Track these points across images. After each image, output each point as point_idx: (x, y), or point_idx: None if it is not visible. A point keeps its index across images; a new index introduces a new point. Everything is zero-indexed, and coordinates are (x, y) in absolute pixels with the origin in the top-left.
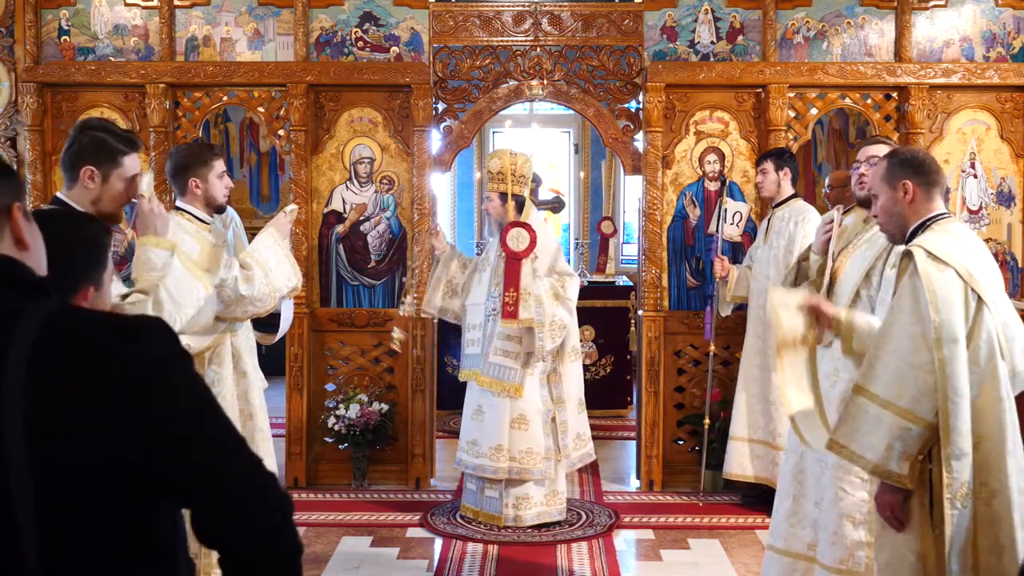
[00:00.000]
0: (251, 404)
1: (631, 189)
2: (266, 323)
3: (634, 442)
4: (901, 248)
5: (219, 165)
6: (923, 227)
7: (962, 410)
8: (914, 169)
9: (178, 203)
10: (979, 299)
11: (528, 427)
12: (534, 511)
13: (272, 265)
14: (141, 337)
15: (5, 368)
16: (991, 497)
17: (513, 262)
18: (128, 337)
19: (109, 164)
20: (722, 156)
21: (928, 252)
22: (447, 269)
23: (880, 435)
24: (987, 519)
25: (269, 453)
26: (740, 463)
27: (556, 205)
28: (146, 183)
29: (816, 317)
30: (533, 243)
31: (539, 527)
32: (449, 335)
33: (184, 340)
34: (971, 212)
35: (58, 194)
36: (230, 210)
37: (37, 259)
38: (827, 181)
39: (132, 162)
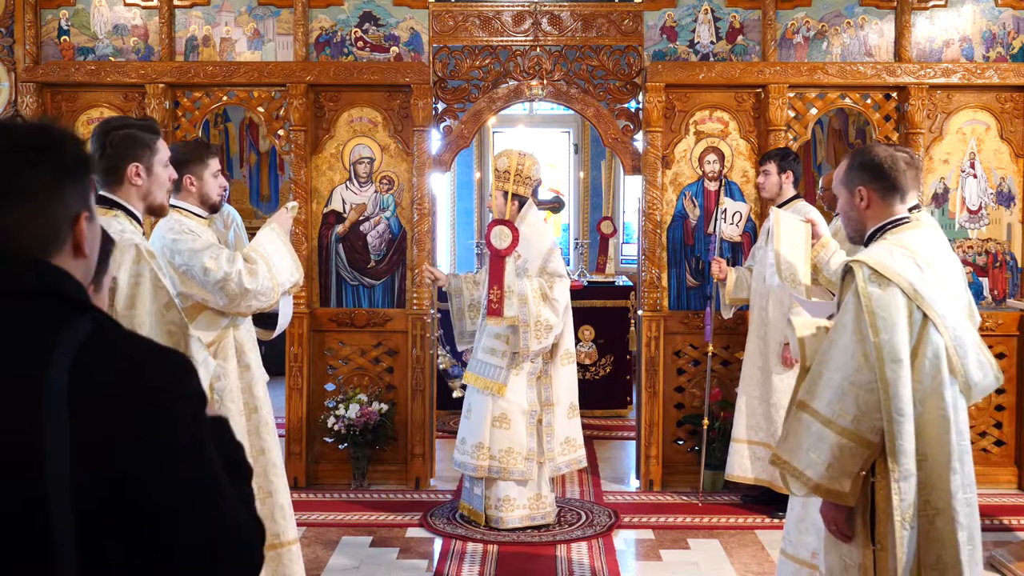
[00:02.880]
0: (255, 397)
1: (631, 189)
2: (265, 319)
3: (634, 442)
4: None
5: (215, 164)
6: (880, 232)
7: (906, 430)
8: (872, 174)
9: (172, 200)
10: (924, 316)
11: (510, 426)
12: (517, 514)
13: (275, 260)
14: (175, 369)
15: (45, 386)
16: (935, 515)
17: (497, 260)
18: (163, 367)
19: (150, 155)
20: (722, 156)
21: (871, 268)
22: (460, 297)
23: (821, 453)
24: (930, 537)
25: (275, 446)
26: (741, 464)
27: (556, 205)
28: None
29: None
30: (515, 241)
31: (525, 529)
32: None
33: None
34: (971, 212)
35: (106, 195)
36: (232, 210)
37: (90, 266)
38: (820, 183)
39: (164, 146)
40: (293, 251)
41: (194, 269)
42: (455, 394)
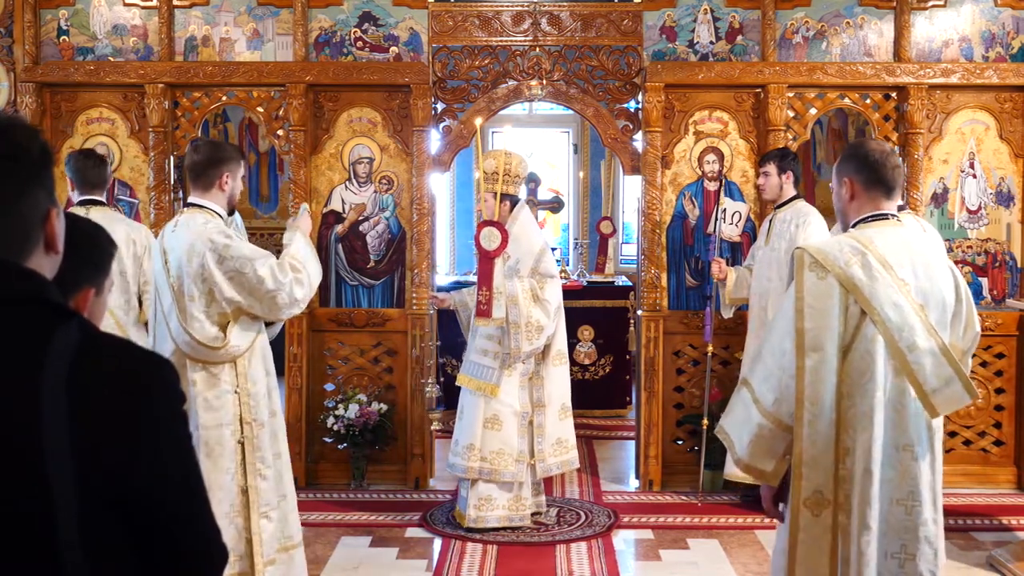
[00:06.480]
0: (274, 401)
1: (630, 189)
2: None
3: (633, 442)
4: None
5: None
6: (856, 225)
7: (817, 419)
8: (857, 164)
9: (197, 200)
10: (863, 311)
11: (501, 428)
12: (496, 514)
13: (310, 267)
14: (163, 371)
15: (41, 389)
16: (852, 510)
17: (486, 261)
18: (153, 369)
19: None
20: (721, 156)
21: (812, 257)
22: (467, 310)
23: (748, 431)
24: (847, 531)
25: (287, 449)
26: None
27: (555, 205)
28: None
29: None
30: (504, 242)
31: (502, 530)
32: (451, 335)
33: (235, 339)
34: (970, 212)
35: (74, 196)
36: None
37: (57, 261)
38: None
39: None
40: (316, 255)
41: (247, 276)
42: (433, 426)
